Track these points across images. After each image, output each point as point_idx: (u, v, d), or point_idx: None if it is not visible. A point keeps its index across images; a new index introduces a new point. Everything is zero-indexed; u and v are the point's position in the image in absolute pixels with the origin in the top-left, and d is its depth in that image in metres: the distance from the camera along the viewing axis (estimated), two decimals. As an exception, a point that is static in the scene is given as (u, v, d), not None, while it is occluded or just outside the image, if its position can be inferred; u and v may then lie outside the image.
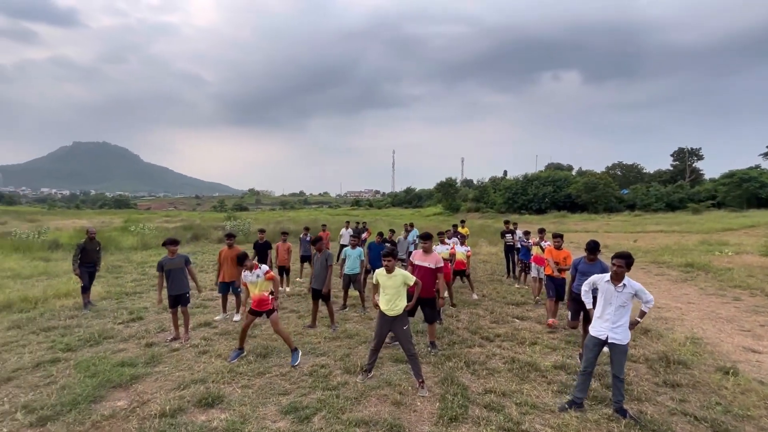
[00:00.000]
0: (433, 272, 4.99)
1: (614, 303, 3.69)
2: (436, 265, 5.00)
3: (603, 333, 3.70)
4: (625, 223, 32.58)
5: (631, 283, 3.70)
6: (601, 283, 3.79)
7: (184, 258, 5.73)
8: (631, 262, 3.70)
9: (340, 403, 3.78)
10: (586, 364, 3.77)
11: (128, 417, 3.52)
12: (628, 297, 3.69)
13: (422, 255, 5.13)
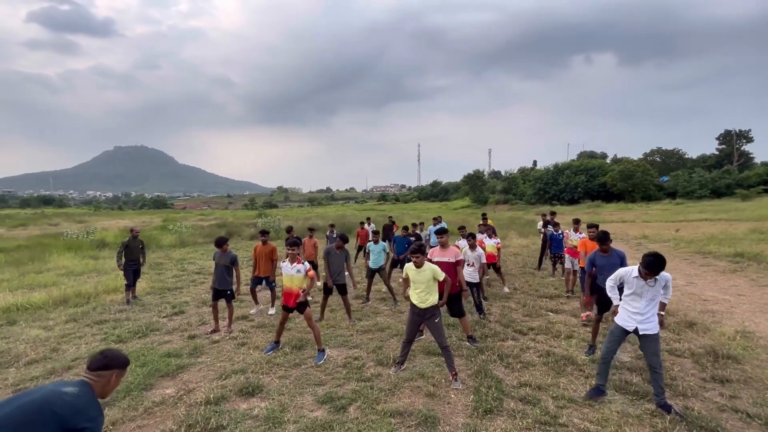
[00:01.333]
0: (453, 266, 4.97)
1: (645, 296, 3.56)
2: (456, 259, 4.98)
3: (631, 324, 3.58)
4: (666, 211, 30.92)
5: (662, 276, 3.55)
6: (629, 278, 3.65)
7: (231, 257, 5.99)
8: (660, 269, 3.49)
9: (374, 394, 3.85)
10: (606, 352, 3.69)
11: (176, 404, 3.74)
12: (658, 290, 3.54)
13: (440, 251, 5.12)
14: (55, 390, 1.79)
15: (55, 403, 1.72)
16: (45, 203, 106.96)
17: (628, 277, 3.66)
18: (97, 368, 1.97)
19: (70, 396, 1.77)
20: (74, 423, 1.71)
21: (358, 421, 3.39)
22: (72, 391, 1.80)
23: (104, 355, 2.02)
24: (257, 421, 3.42)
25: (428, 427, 3.30)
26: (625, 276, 3.70)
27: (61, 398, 1.75)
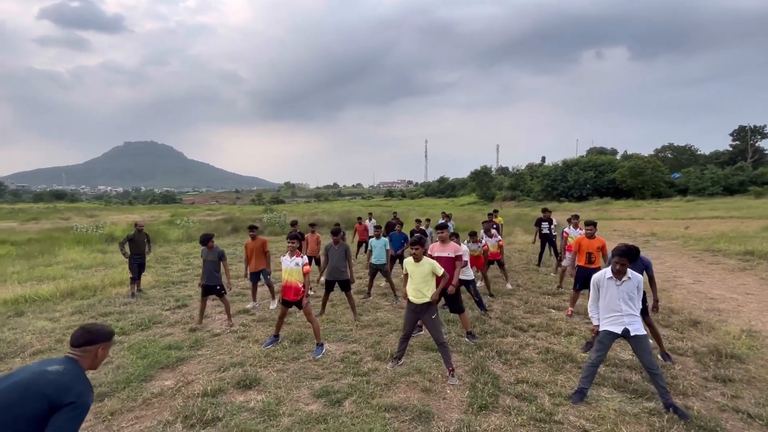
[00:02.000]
0: (452, 261, 4.95)
1: (622, 297, 3.52)
2: (455, 254, 4.97)
3: (618, 327, 3.53)
4: (676, 209, 30.44)
5: (634, 275, 3.53)
6: (604, 281, 3.60)
7: (218, 253, 6.03)
8: (635, 258, 3.47)
9: (370, 388, 3.85)
10: (596, 358, 3.62)
11: (174, 395, 3.78)
12: (633, 288, 3.50)
13: (440, 246, 5.11)
14: (40, 369, 1.81)
15: (39, 383, 1.74)
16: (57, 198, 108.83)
17: (603, 280, 3.61)
18: (81, 344, 1.97)
19: (55, 374, 1.79)
20: (60, 400, 1.73)
21: (352, 415, 3.40)
22: (57, 368, 1.82)
23: (86, 330, 2.02)
24: (253, 413, 3.45)
25: (422, 421, 3.30)
26: (600, 280, 3.64)
27: (46, 377, 1.77)
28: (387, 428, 3.14)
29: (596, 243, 6.00)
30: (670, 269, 9.57)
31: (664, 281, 8.30)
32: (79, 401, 1.77)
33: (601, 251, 5.99)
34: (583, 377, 3.71)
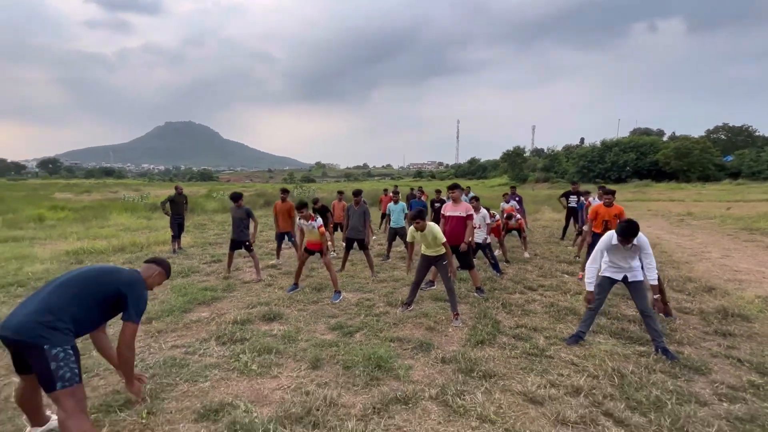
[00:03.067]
0: (463, 220, 5.18)
1: (629, 255, 3.66)
2: (466, 213, 5.19)
3: (619, 274, 3.69)
4: (722, 191, 28.61)
5: (639, 239, 3.63)
6: (610, 245, 3.72)
7: (246, 210, 6.57)
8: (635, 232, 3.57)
9: (379, 325, 4.25)
10: (596, 303, 3.80)
11: (209, 322, 4.35)
12: (637, 249, 3.65)
13: (452, 206, 5.33)
14: (117, 269, 2.33)
15: (113, 273, 2.24)
16: (106, 174, 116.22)
17: (609, 244, 3.72)
18: (148, 261, 2.52)
19: (127, 272, 2.32)
20: (125, 291, 2.21)
21: (361, 343, 3.81)
22: (129, 272, 2.35)
23: (156, 258, 2.63)
24: (275, 338, 3.93)
25: (423, 350, 3.66)
26: (608, 244, 3.74)
27: (120, 271, 2.29)
28: (390, 353, 3.52)
29: (614, 211, 6.00)
30: (699, 245, 9.31)
31: (690, 255, 8.15)
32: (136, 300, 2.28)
33: (619, 217, 6.00)
34: (582, 322, 3.92)
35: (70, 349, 1.97)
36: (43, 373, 1.91)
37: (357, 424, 2.48)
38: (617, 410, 2.67)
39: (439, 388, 2.96)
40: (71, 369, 1.95)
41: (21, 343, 1.91)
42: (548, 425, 2.53)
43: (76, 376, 1.97)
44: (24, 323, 1.92)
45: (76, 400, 1.94)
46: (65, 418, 1.90)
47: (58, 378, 1.91)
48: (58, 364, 1.91)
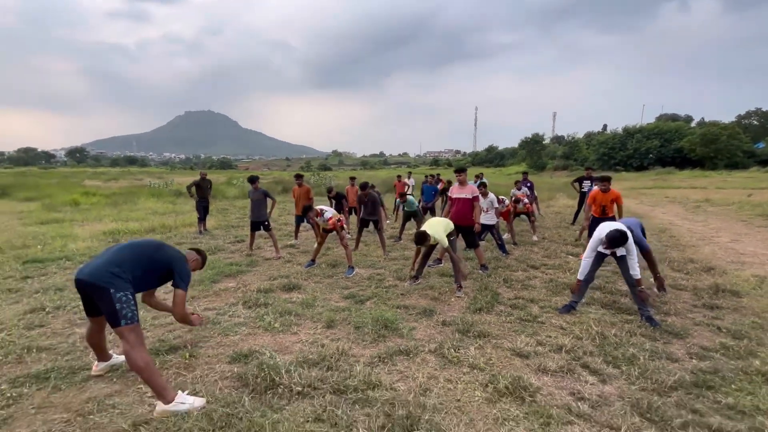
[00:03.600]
0: (470, 202, 5.49)
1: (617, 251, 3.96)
2: (472, 195, 5.49)
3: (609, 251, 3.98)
4: (749, 179, 27.69)
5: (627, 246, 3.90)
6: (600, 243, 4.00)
7: (263, 191, 7.06)
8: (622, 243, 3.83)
9: (388, 295, 4.68)
10: (588, 274, 4.10)
11: (236, 291, 4.86)
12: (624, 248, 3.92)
13: (459, 188, 5.64)
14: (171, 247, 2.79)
15: (166, 249, 2.71)
16: (130, 163, 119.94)
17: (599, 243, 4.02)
18: (191, 249, 3.07)
19: (175, 250, 2.80)
20: (174, 265, 2.67)
21: (371, 309, 4.23)
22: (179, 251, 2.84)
23: (198, 248, 3.15)
24: (294, 304, 4.40)
25: (426, 316, 4.06)
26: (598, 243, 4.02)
27: (172, 248, 2.77)
28: (396, 317, 3.93)
29: (610, 196, 6.21)
30: (710, 230, 9.34)
31: (698, 240, 8.24)
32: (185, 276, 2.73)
33: (616, 202, 6.22)
34: (575, 293, 4.24)
35: (130, 294, 2.44)
36: (110, 312, 2.38)
37: (364, 368, 2.91)
38: (594, 363, 3.02)
39: (437, 343, 3.36)
40: (131, 310, 2.42)
41: (93, 286, 2.38)
42: (530, 373, 2.91)
43: (135, 316, 2.44)
44: (96, 270, 2.40)
45: (136, 335, 2.42)
46: (129, 349, 2.38)
47: (121, 316, 2.38)
48: (121, 305, 2.38)
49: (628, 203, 15.93)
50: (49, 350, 3.21)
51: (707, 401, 2.54)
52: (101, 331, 2.79)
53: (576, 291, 4.21)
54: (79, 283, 2.46)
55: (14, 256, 6.53)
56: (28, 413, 2.40)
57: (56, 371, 2.84)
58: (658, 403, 2.47)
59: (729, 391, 2.63)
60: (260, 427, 2.21)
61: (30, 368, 2.90)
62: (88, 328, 2.78)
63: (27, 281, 5.25)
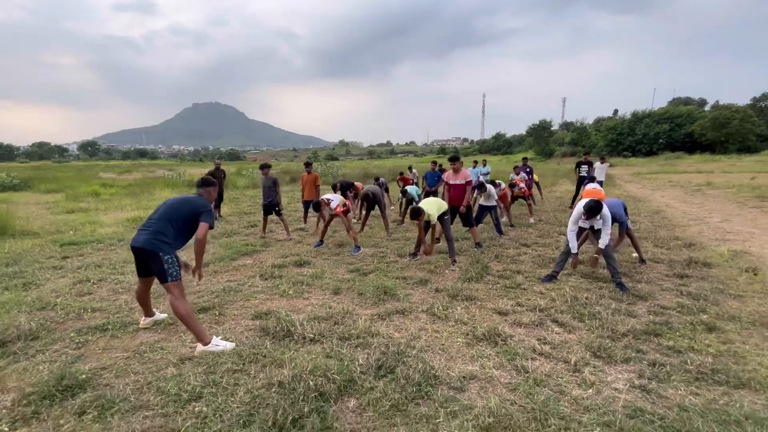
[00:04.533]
0: (463, 187, 5.96)
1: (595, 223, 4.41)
2: (465, 180, 5.94)
3: (586, 224, 4.44)
4: (758, 163, 27.52)
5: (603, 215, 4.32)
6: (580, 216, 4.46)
7: (273, 179, 7.58)
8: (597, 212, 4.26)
9: (389, 269, 5.20)
10: (566, 246, 4.57)
11: (253, 266, 5.42)
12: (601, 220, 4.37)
13: (453, 175, 6.09)
14: (191, 197, 3.26)
15: (190, 201, 3.20)
16: (141, 156, 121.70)
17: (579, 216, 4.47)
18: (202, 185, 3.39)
19: (198, 198, 3.26)
20: (200, 211, 3.15)
21: (373, 280, 4.76)
22: (197, 198, 3.27)
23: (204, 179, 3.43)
24: (305, 276, 4.95)
25: (421, 284, 4.58)
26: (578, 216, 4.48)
27: (193, 198, 3.24)
28: (396, 285, 4.45)
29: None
30: (704, 211, 9.67)
31: (690, 220, 8.60)
32: (209, 216, 3.19)
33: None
34: (556, 263, 4.72)
35: (174, 257, 2.99)
36: (160, 271, 2.93)
37: (365, 323, 3.44)
38: (562, 318, 3.51)
39: (429, 305, 3.88)
40: (176, 269, 2.97)
41: (146, 252, 2.94)
42: (507, 326, 3.41)
43: (179, 274, 2.99)
44: (148, 239, 2.95)
45: (180, 289, 2.97)
46: (174, 300, 2.93)
47: (168, 275, 2.93)
48: (168, 265, 2.93)
49: (631, 188, 16.19)
50: (101, 310, 3.80)
51: (651, 344, 3.03)
52: (148, 290, 3.36)
53: (575, 265, 4.69)
54: (135, 249, 3.02)
55: (51, 240, 7.18)
56: (95, 352, 2.98)
57: (111, 324, 3.43)
58: (609, 345, 2.95)
59: (672, 337, 3.11)
60: (280, 361, 2.75)
61: (89, 323, 3.50)
62: (138, 288, 3.35)
63: (67, 260, 5.88)
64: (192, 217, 3.15)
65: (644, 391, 2.42)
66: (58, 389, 2.39)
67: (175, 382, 2.50)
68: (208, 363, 2.77)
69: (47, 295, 4.20)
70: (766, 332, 3.18)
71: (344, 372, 2.55)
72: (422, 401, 2.34)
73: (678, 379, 2.54)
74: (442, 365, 2.73)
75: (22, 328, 3.25)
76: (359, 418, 2.20)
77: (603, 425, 2.09)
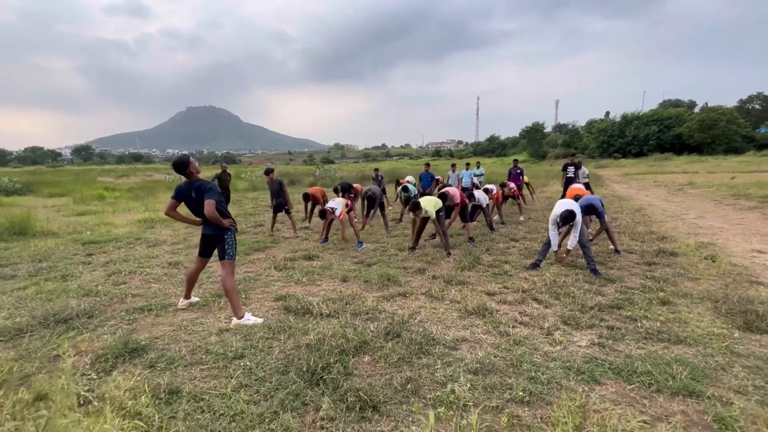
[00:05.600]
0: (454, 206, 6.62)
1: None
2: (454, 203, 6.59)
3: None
4: (742, 163, 28.48)
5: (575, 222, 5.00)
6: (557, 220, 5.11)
7: (278, 182, 8.10)
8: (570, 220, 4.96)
9: (391, 261, 5.76)
10: (548, 238, 5.18)
11: (266, 260, 5.96)
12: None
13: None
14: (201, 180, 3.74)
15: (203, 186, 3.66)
16: (135, 160, 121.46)
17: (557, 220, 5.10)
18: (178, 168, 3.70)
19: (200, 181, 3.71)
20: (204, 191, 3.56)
21: (377, 270, 5.32)
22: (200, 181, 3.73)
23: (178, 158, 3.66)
24: (315, 268, 5.49)
25: (420, 273, 5.15)
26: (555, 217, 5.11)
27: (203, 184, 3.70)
28: (397, 273, 5.01)
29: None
30: (682, 209, 10.34)
31: (668, 217, 9.25)
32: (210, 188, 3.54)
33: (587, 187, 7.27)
34: (540, 253, 5.32)
35: (233, 240, 3.58)
36: (221, 250, 3.51)
37: (372, 302, 4.00)
38: (541, 297, 4.09)
39: (427, 289, 4.45)
40: (234, 249, 3.56)
41: (214, 237, 3.52)
42: (494, 303, 3.98)
43: (234, 254, 3.57)
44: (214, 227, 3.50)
45: (233, 267, 3.54)
46: (226, 275, 3.49)
47: (227, 254, 3.51)
48: (229, 246, 3.52)
49: (618, 188, 16.91)
50: (140, 296, 4.33)
51: (613, 315, 3.61)
52: (200, 271, 3.92)
53: (560, 261, 5.29)
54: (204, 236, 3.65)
55: (71, 239, 7.66)
56: (146, 327, 3.52)
57: (153, 306, 3.96)
58: (577, 316, 3.54)
59: (631, 309, 3.70)
60: (305, 330, 3.30)
61: (132, 305, 4.03)
62: (193, 267, 3.89)
63: (92, 257, 6.38)
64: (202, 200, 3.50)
65: (601, 347, 3.00)
66: (125, 351, 2.93)
67: (220, 346, 3.05)
68: (244, 333, 3.32)
69: (87, 284, 4.71)
70: (709, 305, 3.78)
71: (359, 336, 3.10)
72: (423, 356, 2.90)
73: (629, 338, 3.12)
74: (439, 332, 3.29)
75: (77, 308, 3.78)
76: (374, 367, 2.76)
77: (564, 368, 2.67)
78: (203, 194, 3.43)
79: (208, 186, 3.50)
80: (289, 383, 2.50)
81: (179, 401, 2.33)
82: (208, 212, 3.38)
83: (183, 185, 3.63)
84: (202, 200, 3.43)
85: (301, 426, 2.14)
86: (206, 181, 3.60)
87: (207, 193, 3.42)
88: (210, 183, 3.57)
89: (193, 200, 3.57)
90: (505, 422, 2.12)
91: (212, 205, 3.38)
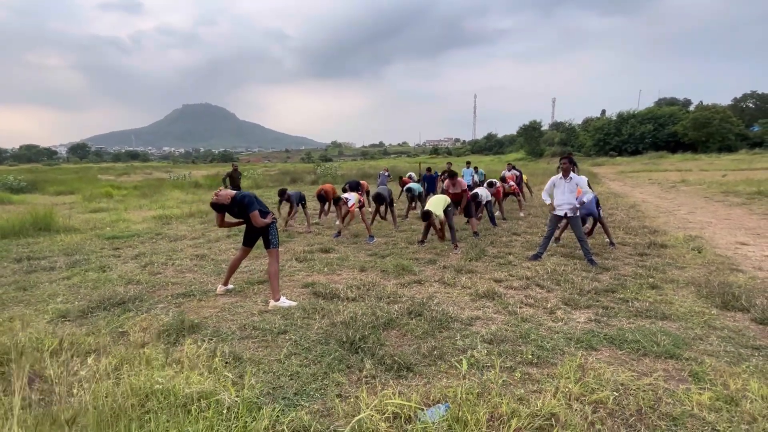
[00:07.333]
0: (461, 193, 7.12)
1: (564, 190, 5.41)
2: (462, 189, 7.10)
3: (561, 211, 5.47)
4: (735, 161, 29.11)
5: (575, 177, 5.35)
6: (557, 179, 5.48)
7: (297, 196, 8.53)
8: (573, 160, 5.30)
9: (402, 253, 6.20)
10: (548, 231, 5.64)
11: (285, 253, 6.38)
12: (573, 185, 5.36)
13: (452, 186, 7.23)
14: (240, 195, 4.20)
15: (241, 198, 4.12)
16: (132, 158, 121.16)
17: (557, 179, 5.51)
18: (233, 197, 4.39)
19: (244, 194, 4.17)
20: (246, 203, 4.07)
21: (391, 261, 5.75)
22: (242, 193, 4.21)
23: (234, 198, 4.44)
24: (333, 259, 5.92)
25: (431, 263, 5.59)
26: (556, 179, 5.53)
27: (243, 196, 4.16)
28: (411, 264, 5.45)
29: None
30: (674, 205, 10.84)
31: (660, 212, 9.75)
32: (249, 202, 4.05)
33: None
34: (540, 245, 5.76)
35: (276, 231, 4.01)
36: (267, 239, 3.96)
37: (392, 288, 4.44)
38: (544, 283, 4.55)
39: (440, 277, 4.89)
40: (276, 239, 4.02)
41: (259, 230, 3.95)
42: (502, 288, 4.43)
43: (278, 243, 4.03)
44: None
45: (277, 254, 3.99)
46: (271, 261, 3.93)
47: (271, 243, 3.95)
48: (273, 236, 3.96)
49: (614, 185, 17.42)
50: (179, 284, 4.75)
51: (608, 297, 4.07)
52: (242, 260, 4.38)
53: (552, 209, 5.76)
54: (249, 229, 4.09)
55: (94, 235, 8.04)
56: (193, 309, 3.94)
57: (194, 292, 4.38)
58: (576, 298, 3.99)
59: (623, 292, 4.16)
60: (336, 310, 3.74)
61: (175, 291, 4.44)
62: (237, 255, 4.35)
63: (119, 251, 6.77)
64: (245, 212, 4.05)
65: (597, 322, 3.46)
66: (183, 327, 3.34)
67: (265, 323, 3.48)
68: (282, 314, 3.74)
69: (126, 274, 5.12)
70: (693, 289, 4.25)
71: (386, 315, 3.54)
72: (444, 330, 3.34)
73: (622, 316, 3.58)
74: (455, 311, 3.74)
75: (126, 294, 4.19)
76: (402, 339, 3.20)
77: (566, 339, 3.12)
78: (246, 209, 3.99)
79: (247, 200, 4.01)
80: (331, 351, 2.94)
81: (243, 365, 2.76)
82: (257, 223, 3.96)
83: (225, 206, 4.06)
84: (246, 212, 4.00)
85: (349, 382, 2.58)
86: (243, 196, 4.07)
87: (249, 207, 3.98)
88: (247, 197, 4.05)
89: (236, 212, 4.11)
90: (519, 377, 2.57)
91: (257, 216, 3.96)
